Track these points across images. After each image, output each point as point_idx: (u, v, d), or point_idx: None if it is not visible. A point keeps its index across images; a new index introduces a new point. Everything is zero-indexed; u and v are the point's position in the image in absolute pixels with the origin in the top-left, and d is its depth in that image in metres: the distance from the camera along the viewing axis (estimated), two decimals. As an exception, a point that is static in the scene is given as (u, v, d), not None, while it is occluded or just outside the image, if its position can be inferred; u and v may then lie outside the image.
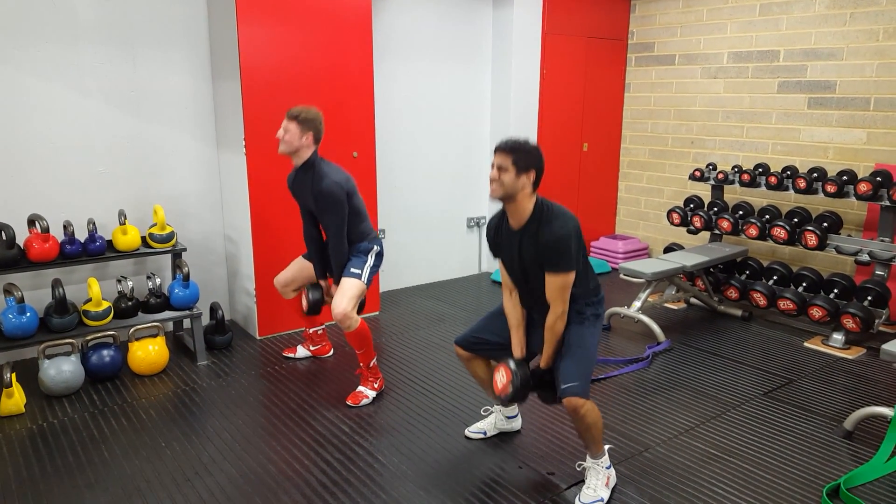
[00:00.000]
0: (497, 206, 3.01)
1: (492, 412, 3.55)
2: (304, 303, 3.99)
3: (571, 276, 2.85)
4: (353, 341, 3.84)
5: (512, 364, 2.98)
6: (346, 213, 3.70)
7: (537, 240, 2.84)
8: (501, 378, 3.00)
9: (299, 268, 4.15)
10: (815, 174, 5.17)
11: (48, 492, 2.97)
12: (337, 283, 3.83)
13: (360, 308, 3.90)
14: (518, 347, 3.08)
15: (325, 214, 3.71)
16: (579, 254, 2.88)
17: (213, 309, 4.62)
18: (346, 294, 3.74)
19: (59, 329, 3.92)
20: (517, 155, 2.81)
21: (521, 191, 2.82)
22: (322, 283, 3.99)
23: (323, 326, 4.49)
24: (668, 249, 5.83)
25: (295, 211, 4.04)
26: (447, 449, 3.37)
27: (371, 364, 3.92)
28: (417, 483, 3.07)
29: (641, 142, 7.00)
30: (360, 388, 3.92)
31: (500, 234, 3.03)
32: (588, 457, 2.99)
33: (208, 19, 4.70)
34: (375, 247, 3.90)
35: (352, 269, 3.80)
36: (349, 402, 3.82)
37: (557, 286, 2.85)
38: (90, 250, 4.10)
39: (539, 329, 3.03)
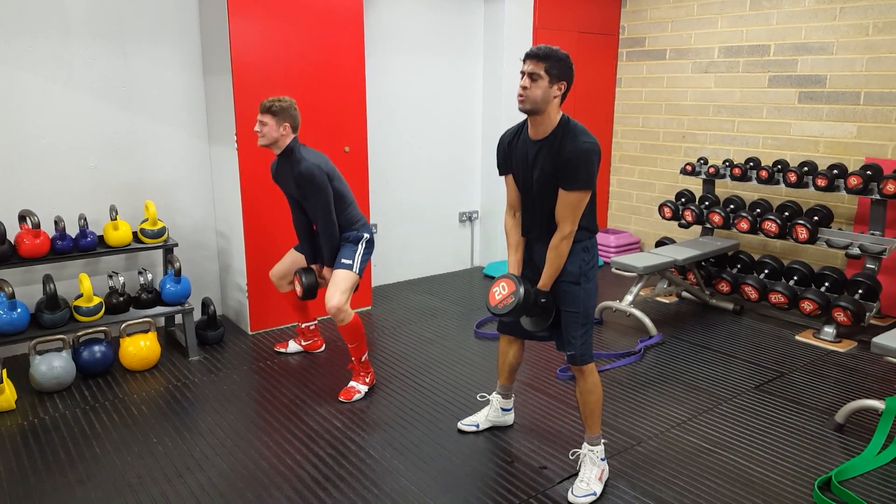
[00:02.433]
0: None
1: (488, 399, 3.56)
2: (298, 287, 3.96)
3: (587, 196, 2.75)
4: (346, 335, 3.83)
5: (515, 279, 2.86)
6: (330, 195, 3.70)
7: (559, 154, 2.71)
8: (501, 290, 2.88)
9: (293, 260, 4.15)
10: (806, 168, 5.19)
11: (39, 488, 2.96)
12: (329, 266, 3.83)
13: (357, 288, 3.90)
14: (514, 266, 3.01)
15: (310, 199, 3.72)
16: (596, 174, 2.77)
17: (205, 304, 4.61)
18: (339, 287, 3.73)
19: (50, 325, 3.90)
20: (550, 63, 2.66)
21: (550, 102, 2.70)
22: (314, 266, 3.99)
23: (315, 322, 4.48)
24: (659, 243, 5.84)
25: (286, 205, 4.03)
26: (440, 443, 3.37)
27: (363, 358, 3.91)
28: (409, 478, 3.07)
29: (633, 136, 7.00)
30: (352, 383, 3.91)
31: (514, 147, 2.89)
32: (584, 442, 3.01)
33: (199, 13, 4.67)
34: (365, 235, 3.89)
35: (343, 261, 3.80)
36: (341, 398, 3.82)
37: (571, 204, 2.74)
38: (81, 246, 4.08)
39: (541, 246, 2.93)
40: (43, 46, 4.15)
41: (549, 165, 2.75)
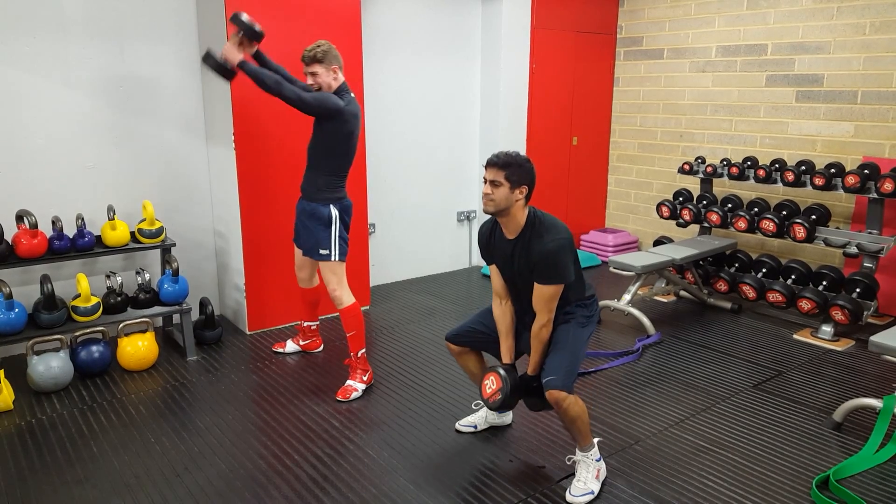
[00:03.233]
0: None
1: (483, 406, 3.55)
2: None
3: (560, 289, 2.86)
4: (344, 320, 3.85)
5: (502, 371, 2.99)
6: (322, 110, 3.59)
7: (529, 254, 2.86)
8: (491, 385, 3.01)
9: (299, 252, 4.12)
10: (804, 167, 5.19)
11: (37, 488, 2.95)
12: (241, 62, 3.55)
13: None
14: (507, 354, 3.09)
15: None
16: (570, 265, 2.88)
17: (203, 304, 4.60)
18: (328, 274, 3.82)
19: (48, 325, 3.89)
20: (510, 170, 2.81)
21: (514, 204, 2.84)
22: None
23: (317, 322, 4.47)
24: (657, 242, 5.84)
25: (284, 205, 4.02)
26: (438, 443, 3.37)
27: (360, 354, 3.90)
28: (408, 477, 3.07)
29: (630, 135, 7.01)
30: (349, 381, 3.91)
31: (492, 242, 3.04)
32: (577, 450, 3.00)
33: (197, 13, 4.66)
34: (334, 211, 3.78)
35: (320, 252, 3.80)
36: (339, 397, 3.81)
37: (545, 296, 2.87)
38: (79, 246, 4.08)
39: (528, 332, 3.03)
40: (40, 46, 4.15)
41: (525, 263, 2.90)
